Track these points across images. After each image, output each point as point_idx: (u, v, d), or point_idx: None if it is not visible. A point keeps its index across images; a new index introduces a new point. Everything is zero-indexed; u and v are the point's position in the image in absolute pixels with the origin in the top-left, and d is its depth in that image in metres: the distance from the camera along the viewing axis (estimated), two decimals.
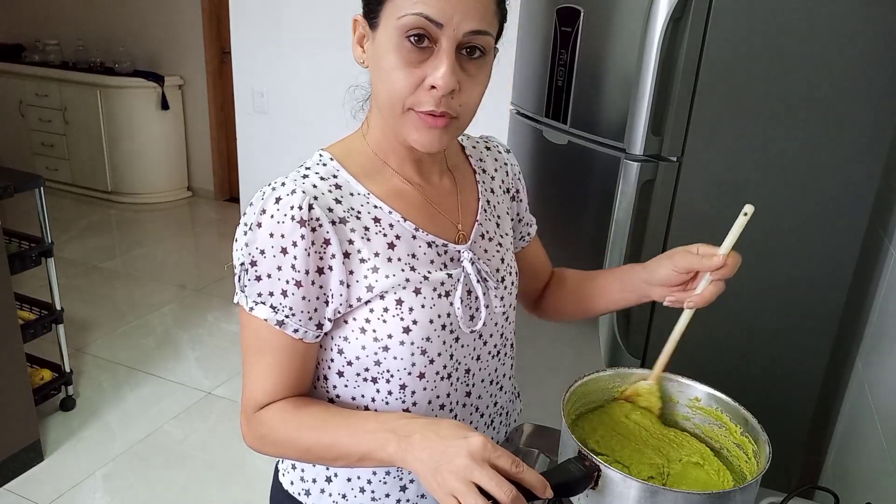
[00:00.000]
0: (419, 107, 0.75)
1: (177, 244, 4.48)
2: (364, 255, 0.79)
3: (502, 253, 0.94)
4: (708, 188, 1.43)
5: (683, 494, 0.72)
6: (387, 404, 0.85)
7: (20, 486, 2.25)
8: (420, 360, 0.83)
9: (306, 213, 0.76)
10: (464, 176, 0.94)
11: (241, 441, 0.86)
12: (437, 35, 0.73)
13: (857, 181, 1.37)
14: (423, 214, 0.85)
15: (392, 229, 0.82)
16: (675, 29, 1.33)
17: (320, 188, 0.79)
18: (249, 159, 3.32)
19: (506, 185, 1.00)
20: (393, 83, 0.75)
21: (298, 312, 0.78)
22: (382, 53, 0.75)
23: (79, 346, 3.10)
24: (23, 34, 5.32)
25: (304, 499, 0.92)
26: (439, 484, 0.67)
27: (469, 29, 0.73)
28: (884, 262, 1.42)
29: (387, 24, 0.74)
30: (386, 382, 0.84)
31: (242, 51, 3.14)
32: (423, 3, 0.71)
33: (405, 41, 0.73)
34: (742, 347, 1.52)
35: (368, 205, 0.82)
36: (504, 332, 0.95)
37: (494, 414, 0.99)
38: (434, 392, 0.86)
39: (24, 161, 5.19)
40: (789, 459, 1.57)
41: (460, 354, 0.87)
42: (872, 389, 1.34)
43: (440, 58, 0.73)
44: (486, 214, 0.93)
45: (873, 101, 1.32)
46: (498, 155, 1.01)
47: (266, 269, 0.77)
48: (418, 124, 0.77)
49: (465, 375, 0.90)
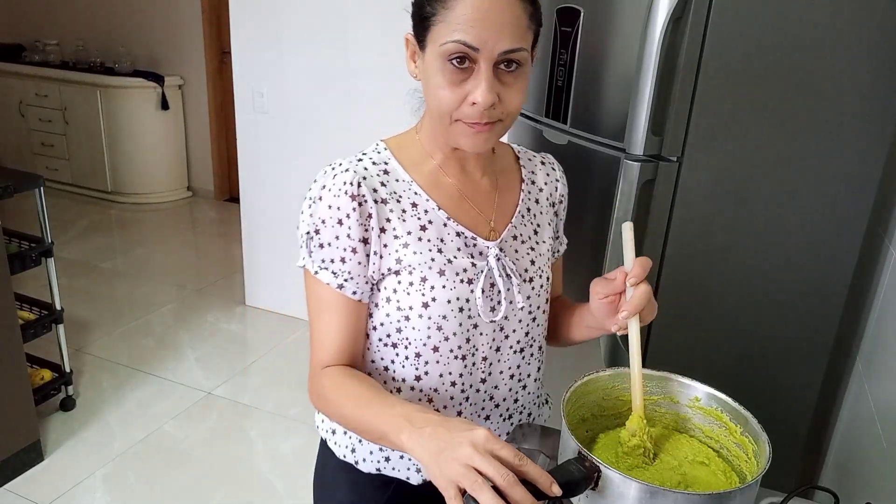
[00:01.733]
0: (465, 118, 0.86)
1: (177, 244, 4.48)
2: (398, 233, 0.91)
3: (533, 256, 1.01)
4: (708, 188, 1.43)
5: (683, 495, 0.72)
6: (403, 368, 0.96)
7: (20, 486, 2.25)
8: (436, 335, 0.93)
9: (356, 189, 0.88)
10: (509, 180, 1.03)
11: (241, 441, 0.88)
12: (476, 56, 0.82)
13: (857, 181, 1.37)
14: (458, 207, 0.95)
15: (426, 214, 0.93)
16: (675, 29, 1.33)
17: (370, 171, 0.91)
18: (249, 159, 3.32)
19: (552, 199, 1.08)
20: (440, 100, 0.86)
21: (356, 276, 0.90)
22: (431, 74, 0.86)
23: (79, 346, 3.10)
24: (23, 34, 5.32)
25: (329, 437, 1.06)
26: (441, 470, 0.70)
27: (503, 49, 0.82)
28: (884, 262, 1.42)
29: (432, 49, 0.85)
30: (404, 349, 0.95)
31: (242, 51, 3.14)
32: (460, 31, 0.81)
33: (448, 63, 0.83)
34: (742, 347, 1.53)
35: (409, 191, 0.93)
36: (530, 331, 1.02)
37: (514, 410, 1.06)
38: (446, 368, 0.95)
39: (24, 161, 5.20)
40: (789, 459, 1.57)
41: (478, 341, 0.96)
42: (872, 389, 1.34)
43: (479, 77, 0.83)
44: (523, 219, 1.02)
45: (873, 102, 1.32)
46: (551, 171, 1.09)
47: (327, 238, 0.89)
48: (466, 131, 0.87)
49: (483, 363, 0.98)
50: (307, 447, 2.49)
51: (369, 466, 1.02)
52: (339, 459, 1.05)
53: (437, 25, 0.83)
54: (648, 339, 1.56)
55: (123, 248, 4.36)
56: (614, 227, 1.48)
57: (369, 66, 2.86)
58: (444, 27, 0.82)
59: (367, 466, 1.02)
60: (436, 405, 0.98)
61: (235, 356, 3.13)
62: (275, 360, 3.12)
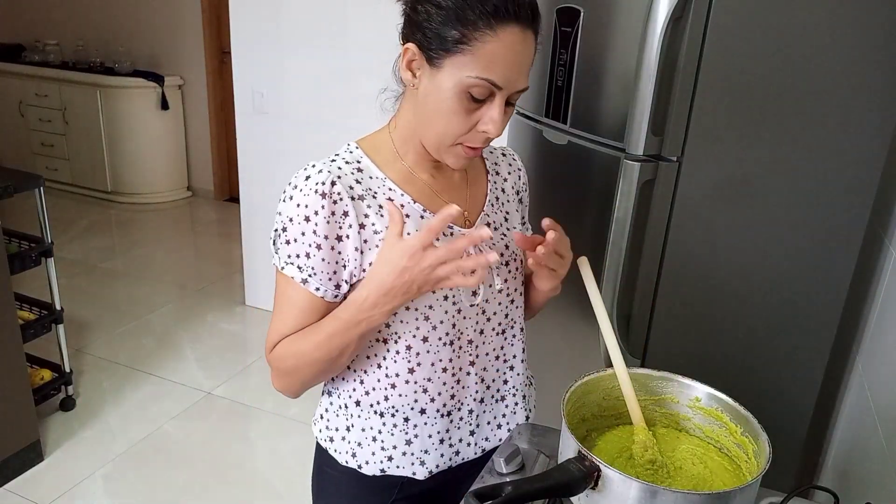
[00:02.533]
0: (469, 143, 0.89)
1: (177, 244, 4.48)
2: (377, 228, 0.91)
3: (507, 240, 1.05)
4: (708, 188, 1.43)
5: (683, 494, 0.72)
6: (395, 363, 0.98)
7: (20, 486, 2.25)
8: (424, 326, 0.96)
9: (328, 187, 0.88)
10: (476, 173, 1.07)
11: (241, 441, 0.89)
12: (496, 92, 0.85)
13: (857, 181, 1.37)
14: (431, 200, 0.98)
15: (403, 209, 0.94)
16: (675, 29, 1.33)
17: (344, 170, 0.92)
18: (249, 159, 3.32)
19: (516, 188, 1.13)
20: (450, 125, 0.87)
21: (320, 272, 0.91)
22: (443, 97, 0.86)
23: (79, 346, 3.11)
24: (23, 34, 5.32)
25: (329, 445, 1.06)
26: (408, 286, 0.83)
27: (520, 88, 0.87)
28: (884, 262, 1.42)
29: (452, 73, 0.84)
30: (395, 343, 0.97)
31: (242, 51, 3.14)
32: (491, 70, 0.83)
33: (467, 93, 0.85)
34: (742, 347, 1.53)
35: (384, 187, 0.94)
36: (509, 313, 1.06)
37: (506, 392, 1.11)
38: (437, 356, 0.98)
39: (24, 161, 5.20)
40: (789, 459, 1.57)
41: (463, 325, 1.00)
42: (872, 389, 1.34)
43: (494, 109, 0.86)
44: (493, 208, 1.06)
45: (873, 101, 1.32)
46: (512, 162, 1.14)
47: (293, 235, 0.90)
48: (461, 154, 0.91)
49: (469, 346, 1.02)
50: (307, 447, 2.48)
51: (373, 468, 1.03)
52: (341, 466, 1.05)
53: (464, 55, 0.83)
54: (648, 339, 1.56)
55: (123, 248, 4.36)
56: (614, 226, 1.48)
57: (369, 66, 2.86)
58: (473, 59, 0.82)
59: (371, 469, 1.03)
60: (430, 395, 1.00)
61: (235, 356, 3.13)
62: None
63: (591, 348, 1.60)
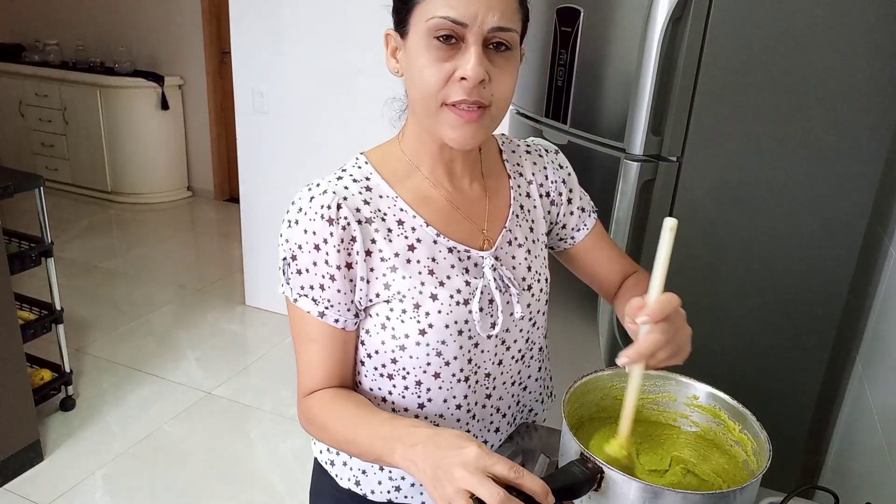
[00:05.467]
0: (451, 98, 0.79)
1: (177, 244, 4.48)
2: (385, 255, 0.85)
3: (530, 260, 0.96)
4: (708, 188, 1.43)
5: (684, 494, 0.72)
6: (403, 398, 0.91)
7: (20, 486, 2.25)
8: (435, 361, 0.88)
9: (335, 212, 0.82)
10: (498, 182, 0.97)
11: (241, 441, 0.88)
12: (464, 33, 0.77)
13: (857, 181, 1.37)
14: (447, 220, 0.89)
15: (414, 233, 0.87)
16: (675, 29, 1.33)
17: (351, 189, 0.85)
18: (249, 159, 3.32)
19: (545, 188, 1.01)
20: (425, 80, 0.79)
21: (336, 304, 0.85)
22: (414, 56, 0.80)
23: (79, 346, 3.10)
24: (23, 34, 5.32)
25: (329, 468, 1.00)
26: (439, 494, 0.69)
27: (492, 25, 0.77)
28: (884, 262, 1.42)
29: (416, 29, 0.79)
30: (402, 379, 0.90)
31: (242, 51, 3.14)
32: (447, 6, 0.76)
33: (434, 41, 0.78)
34: (742, 347, 1.53)
35: (395, 207, 0.87)
36: (530, 336, 0.98)
37: (517, 412, 1.04)
38: (450, 392, 0.91)
39: (24, 161, 5.19)
40: (789, 459, 1.57)
41: (480, 359, 0.92)
42: (872, 389, 1.34)
43: (468, 52, 0.78)
44: (516, 220, 0.96)
45: (873, 102, 1.32)
46: (538, 159, 1.02)
47: (304, 265, 0.84)
48: (453, 122, 0.80)
49: (486, 379, 0.94)
50: (307, 447, 2.48)
51: (380, 497, 0.98)
52: (341, 488, 1.00)
53: (421, 3, 0.78)
54: None
55: (123, 248, 4.36)
56: (614, 226, 1.48)
57: (369, 66, 2.86)
58: (430, 4, 0.77)
59: (378, 497, 0.98)
60: None
61: (235, 356, 3.13)
62: (275, 360, 3.12)
63: (592, 348, 1.60)
